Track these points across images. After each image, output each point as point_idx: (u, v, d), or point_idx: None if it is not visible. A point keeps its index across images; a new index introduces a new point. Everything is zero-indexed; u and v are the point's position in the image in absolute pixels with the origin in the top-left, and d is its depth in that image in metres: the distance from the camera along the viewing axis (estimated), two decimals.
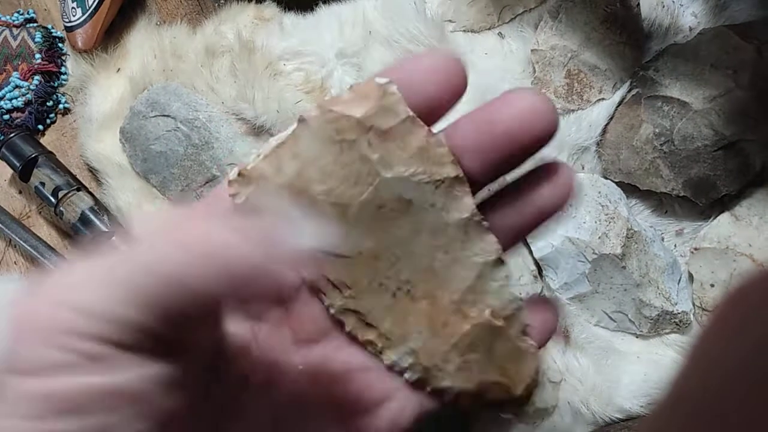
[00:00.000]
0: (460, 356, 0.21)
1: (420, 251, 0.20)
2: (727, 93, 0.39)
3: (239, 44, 0.44)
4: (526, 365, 0.22)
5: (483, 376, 0.21)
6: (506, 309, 0.21)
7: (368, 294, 0.21)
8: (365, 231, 0.20)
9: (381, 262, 0.20)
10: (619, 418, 0.39)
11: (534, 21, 0.43)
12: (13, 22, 0.49)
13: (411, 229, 0.20)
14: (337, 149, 0.19)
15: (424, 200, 0.20)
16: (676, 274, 0.41)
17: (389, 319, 0.21)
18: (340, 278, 0.21)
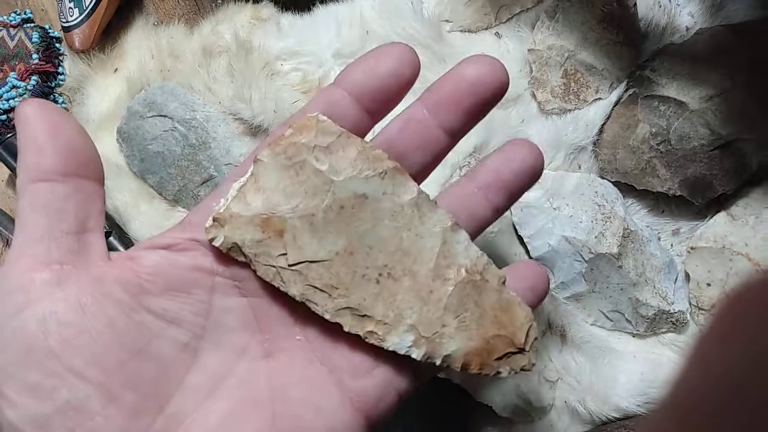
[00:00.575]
0: (454, 317, 0.23)
1: (387, 235, 0.23)
2: (723, 93, 0.39)
3: (236, 44, 0.44)
4: (517, 313, 0.24)
5: (482, 331, 0.23)
6: (477, 264, 0.23)
7: (355, 288, 0.22)
8: (335, 233, 0.23)
9: (357, 256, 0.23)
10: (615, 417, 0.39)
11: (531, 21, 0.43)
12: (10, 22, 0.49)
13: (373, 218, 0.23)
14: (293, 172, 0.22)
15: (376, 190, 0.23)
16: (672, 274, 0.41)
17: (381, 305, 0.23)
18: (326, 282, 0.22)
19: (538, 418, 0.41)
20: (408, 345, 0.23)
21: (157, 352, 0.20)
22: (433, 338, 0.23)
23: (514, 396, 0.39)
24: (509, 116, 0.42)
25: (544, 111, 0.42)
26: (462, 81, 0.23)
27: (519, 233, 0.41)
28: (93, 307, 0.19)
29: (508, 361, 0.23)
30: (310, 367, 0.23)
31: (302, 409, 0.22)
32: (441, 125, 0.24)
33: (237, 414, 0.21)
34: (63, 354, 0.19)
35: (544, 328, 0.42)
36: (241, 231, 0.22)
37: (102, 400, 0.19)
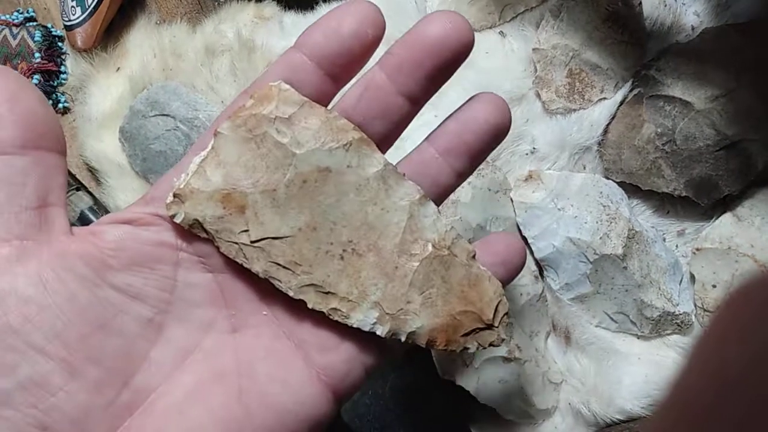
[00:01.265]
0: (419, 293, 0.22)
1: (351, 210, 0.22)
2: (729, 93, 0.39)
3: (239, 43, 0.43)
4: (485, 287, 0.23)
5: (448, 308, 0.23)
6: (446, 239, 0.23)
7: (318, 264, 0.22)
8: (297, 208, 0.22)
9: (320, 232, 0.22)
10: (620, 419, 0.39)
11: (535, 20, 0.42)
12: (12, 20, 0.49)
13: (337, 192, 0.22)
14: (254, 145, 0.22)
15: (340, 163, 0.22)
16: (677, 275, 0.41)
17: (345, 282, 0.22)
18: (289, 259, 0.22)
19: (541, 421, 0.40)
20: (372, 322, 0.22)
21: (120, 327, 0.20)
22: (397, 315, 0.22)
23: (518, 398, 0.39)
24: (514, 116, 0.42)
25: (548, 111, 0.42)
26: (422, 42, 0.21)
27: (523, 234, 0.41)
28: (54, 282, 0.19)
29: (476, 337, 0.23)
30: (276, 342, 0.22)
31: (268, 383, 0.21)
32: (401, 91, 0.22)
33: (202, 388, 0.21)
34: (23, 330, 0.18)
35: (549, 330, 0.42)
36: (202, 207, 0.21)
37: (64, 376, 0.19)
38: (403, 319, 0.22)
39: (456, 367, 0.39)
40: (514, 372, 0.39)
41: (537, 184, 0.41)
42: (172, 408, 0.20)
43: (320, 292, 0.22)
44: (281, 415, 0.21)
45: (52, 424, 0.19)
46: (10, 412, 0.18)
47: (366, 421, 0.39)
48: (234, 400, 0.21)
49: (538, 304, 0.40)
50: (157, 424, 0.20)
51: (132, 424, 0.20)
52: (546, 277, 0.41)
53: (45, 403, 0.19)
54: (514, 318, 0.39)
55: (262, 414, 0.21)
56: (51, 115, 0.20)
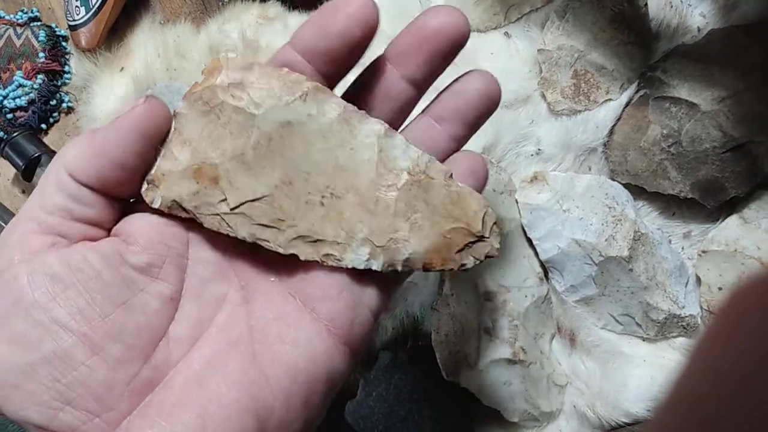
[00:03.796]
0: (405, 220, 0.23)
1: (322, 157, 0.22)
2: (735, 94, 0.39)
3: (243, 43, 0.43)
4: (469, 202, 0.23)
5: (437, 228, 0.23)
6: (419, 164, 0.23)
7: (301, 216, 0.22)
8: (269, 166, 0.22)
9: (296, 184, 0.22)
10: (625, 422, 0.39)
11: (541, 20, 0.42)
12: (17, 20, 0.49)
13: (304, 143, 0.22)
14: (213, 116, 0.22)
15: (300, 114, 0.22)
16: (683, 277, 0.40)
17: (330, 226, 0.23)
18: (272, 217, 0.22)
19: (546, 423, 0.40)
20: (365, 258, 0.23)
21: (141, 304, 0.21)
22: (388, 246, 0.23)
23: (522, 401, 0.39)
24: (519, 117, 0.42)
25: (553, 112, 0.41)
26: (422, 31, 0.23)
27: (528, 235, 0.41)
28: (81, 262, 0.20)
29: (471, 251, 0.23)
30: (285, 304, 0.23)
31: (280, 344, 0.22)
32: (404, 76, 0.24)
33: (218, 358, 0.22)
34: (48, 305, 0.19)
35: (554, 332, 0.41)
36: (176, 187, 0.22)
37: (86, 351, 0.20)
38: (395, 248, 0.23)
39: (460, 369, 0.39)
40: (518, 374, 0.39)
41: (542, 186, 0.40)
42: (190, 380, 0.21)
43: (309, 242, 0.23)
44: (295, 373, 0.22)
45: (74, 399, 0.19)
46: (34, 386, 0.19)
47: (370, 423, 0.39)
48: (249, 365, 0.22)
49: (543, 306, 0.40)
50: (177, 397, 0.21)
51: (153, 400, 0.21)
52: (551, 279, 0.41)
53: (68, 377, 0.19)
54: (519, 319, 0.39)
55: (276, 374, 0.21)
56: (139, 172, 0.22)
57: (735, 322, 0.15)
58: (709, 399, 0.14)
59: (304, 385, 0.22)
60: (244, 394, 0.21)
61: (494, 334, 0.39)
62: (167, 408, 0.20)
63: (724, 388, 0.13)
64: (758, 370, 0.13)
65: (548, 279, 0.41)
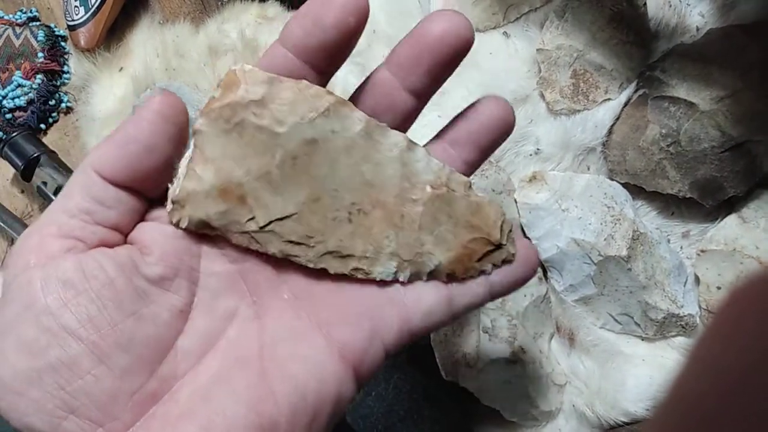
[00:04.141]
0: (430, 234, 0.23)
1: (347, 173, 0.22)
2: (734, 94, 0.39)
3: (242, 43, 0.43)
4: (487, 212, 0.24)
5: (459, 240, 0.24)
6: (441, 176, 0.23)
7: (330, 232, 0.23)
8: (296, 184, 0.22)
9: (324, 201, 0.22)
10: (624, 421, 0.39)
11: (540, 20, 0.42)
12: (16, 20, 0.49)
13: (329, 160, 0.22)
14: (236, 135, 0.21)
15: (324, 131, 0.22)
16: (682, 277, 0.40)
17: (359, 241, 0.23)
18: (301, 234, 0.22)
19: (545, 422, 0.40)
20: (393, 271, 0.23)
21: (152, 316, 0.21)
22: (414, 259, 0.23)
23: (521, 400, 0.39)
24: (518, 116, 0.41)
25: (552, 111, 0.41)
26: (423, 40, 0.22)
27: (527, 235, 0.41)
28: (95, 269, 0.20)
29: (489, 259, 0.24)
30: (297, 322, 0.23)
31: (290, 362, 0.22)
32: (405, 87, 0.23)
33: (226, 373, 0.21)
34: (58, 312, 0.19)
35: (553, 331, 0.41)
36: (203, 206, 0.22)
37: (93, 360, 0.19)
38: (421, 261, 0.23)
39: (459, 369, 0.39)
40: (517, 373, 0.39)
41: (541, 185, 0.41)
42: (196, 393, 0.21)
43: (338, 257, 0.23)
44: (304, 392, 0.21)
45: (78, 407, 0.19)
46: (39, 393, 0.19)
47: (369, 422, 0.39)
48: (257, 381, 0.21)
49: (542, 306, 0.40)
50: (182, 409, 0.20)
51: (157, 412, 0.20)
52: (550, 279, 0.41)
53: (73, 385, 0.19)
54: (518, 319, 0.39)
55: (285, 391, 0.21)
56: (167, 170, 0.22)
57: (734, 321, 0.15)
58: (708, 398, 0.14)
59: (312, 405, 0.21)
60: (250, 410, 0.21)
61: (493, 333, 0.39)
62: (171, 420, 0.20)
63: (722, 387, 0.13)
64: (757, 368, 0.13)
65: (547, 278, 0.41)
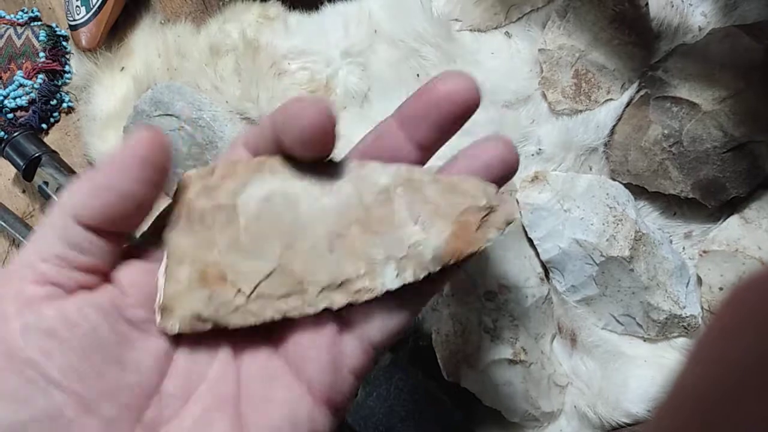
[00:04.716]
0: (414, 224, 0.23)
1: (310, 211, 0.23)
2: (737, 94, 0.39)
3: (244, 43, 0.43)
4: (465, 186, 0.23)
5: (446, 219, 0.23)
6: (399, 174, 0.23)
7: (317, 268, 0.22)
8: (266, 240, 0.22)
9: (298, 243, 0.23)
10: (626, 422, 0.39)
11: (541, 20, 0.42)
12: (17, 20, 0.49)
13: (288, 207, 0.23)
14: (198, 226, 0.22)
15: (273, 185, 0.23)
16: (684, 277, 0.40)
17: (348, 264, 0.23)
18: (290, 284, 0.22)
19: (547, 423, 0.40)
20: (395, 275, 0.23)
21: (136, 362, 0.21)
22: (410, 253, 0.23)
23: (523, 401, 0.39)
24: (519, 116, 0.42)
25: (554, 111, 0.41)
26: (432, 96, 0.23)
27: (529, 235, 0.41)
28: (77, 317, 0.20)
29: (489, 224, 0.23)
30: (270, 362, 0.23)
31: (263, 404, 0.22)
32: (412, 139, 0.24)
33: (207, 416, 0.21)
34: (41, 363, 0.19)
35: (554, 332, 0.41)
36: (188, 301, 0.22)
37: (78, 410, 0.19)
38: (418, 251, 0.23)
39: (461, 369, 0.38)
40: (519, 374, 0.38)
41: (543, 185, 0.40)
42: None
43: (336, 289, 0.22)
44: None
45: None
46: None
47: (370, 423, 0.39)
48: (235, 425, 0.21)
49: (543, 306, 0.40)
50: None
51: None
52: (552, 279, 0.41)
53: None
54: (520, 320, 0.39)
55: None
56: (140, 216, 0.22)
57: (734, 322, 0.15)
58: (709, 398, 0.14)
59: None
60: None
61: (495, 334, 0.39)
62: None
63: (723, 388, 0.13)
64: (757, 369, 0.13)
65: (549, 279, 0.41)
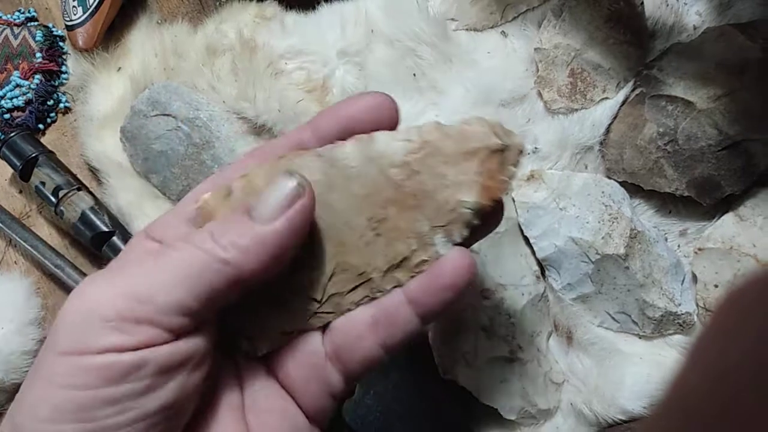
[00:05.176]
0: (444, 189, 0.23)
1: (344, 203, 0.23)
2: (731, 92, 0.39)
3: (240, 43, 0.43)
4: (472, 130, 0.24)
5: (469, 173, 0.23)
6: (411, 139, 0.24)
7: (373, 255, 0.23)
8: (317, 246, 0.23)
9: (346, 238, 0.23)
10: (621, 419, 0.39)
11: (537, 19, 0.42)
12: (13, 20, 0.49)
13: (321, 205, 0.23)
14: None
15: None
16: (679, 275, 0.40)
17: (399, 244, 0.23)
18: (353, 276, 0.23)
19: (543, 421, 0.40)
20: (443, 240, 0.23)
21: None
22: (452, 219, 0.23)
23: (519, 398, 0.39)
24: (515, 115, 0.42)
25: (550, 110, 0.42)
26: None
27: (525, 234, 0.41)
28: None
29: (506, 162, 0.24)
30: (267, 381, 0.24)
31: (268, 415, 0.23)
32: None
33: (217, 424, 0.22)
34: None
35: (551, 330, 0.41)
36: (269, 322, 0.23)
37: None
38: (459, 213, 0.23)
39: (458, 367, 0.39)
40: (515, 372, 0.39)
41: (539, 184, 0.41)
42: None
43: (397, 266, 0.23)
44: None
45: None
46: None
47: (368, 422, 0.39)
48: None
49: (539, 304, 0.40)
50: None
51: None
52: (548, 277, 0.41)
53: None
54: (516, 317, 0.39)
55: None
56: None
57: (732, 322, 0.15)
58: (707, 399, 0.14)
59: None
60: None
61: (491, 332, 0.39)
62: None
63: (721, 388, 0.13)
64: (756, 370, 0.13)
65: (545, 277, 0.41)
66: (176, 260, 0.20)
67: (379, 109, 0.24)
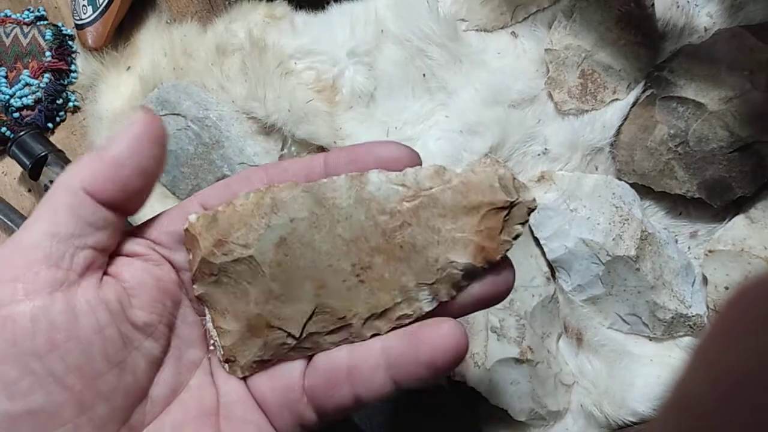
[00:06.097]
0: (437, 246, 0.22)
1: (328, 245, 0.22)
2: (743, 94, 0.39)
3: (250, 43, 0.43)
4: (477, 181, 0.22)
5: (468, 226, 0.22)
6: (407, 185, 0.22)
7: (354, 301, 0.22)
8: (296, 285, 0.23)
9: (329, 281, 0.23)
10: (632, 421, 0.39)
11: (548, 20, 0.42)
12: (23, 19, 0.49)
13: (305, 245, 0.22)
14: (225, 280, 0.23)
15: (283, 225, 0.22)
16: (690, 277, 0.40)
17: (382, 294, 0.22)
18: (333, 319, 0.22)
19: (553, 422, 0.40)
20: (431, 299, 0.22)
21: (133, 365, 0.21)
22: (440, 278, 0.22)
23: (529, 400, 0.39)
24: (525, 116, 0.42)
25: (560, 111, 0.41)
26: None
27: (535, 235, 0.41)
28: (86, 313, 0.19)
29: (512, 220, 0.22)
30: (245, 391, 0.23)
31: (243, 425, 0.22)
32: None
33: (187, 425, 0.22)
34: (47, 356, 0.18)
35: (561, 331, 0.41)
36: (247, 350, 0.23)
37: (75, 409, 0.19)
38: (448, 273, 0.22)
39: (467, 369, 0.39)
40: (525, 373, 0.39)
41: (549, 185, 0.41)
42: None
43: (378, 317, 0.22)
44: None
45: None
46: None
47: (376, 422, 0.39)
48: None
49: (550, 306, 0.40)
50: None
51: None
52: (558, 279, 0.41)
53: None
54: (526, 319, 0.39)
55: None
56: (149, 188, 0.22)
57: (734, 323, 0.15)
58: (708, 399, 0.14)
59: None
60: None
61: (501, 333, 0.39)
62: None
63: (722, 389, 0.13)
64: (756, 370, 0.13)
65: (555, 278, 0.41)
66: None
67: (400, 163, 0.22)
